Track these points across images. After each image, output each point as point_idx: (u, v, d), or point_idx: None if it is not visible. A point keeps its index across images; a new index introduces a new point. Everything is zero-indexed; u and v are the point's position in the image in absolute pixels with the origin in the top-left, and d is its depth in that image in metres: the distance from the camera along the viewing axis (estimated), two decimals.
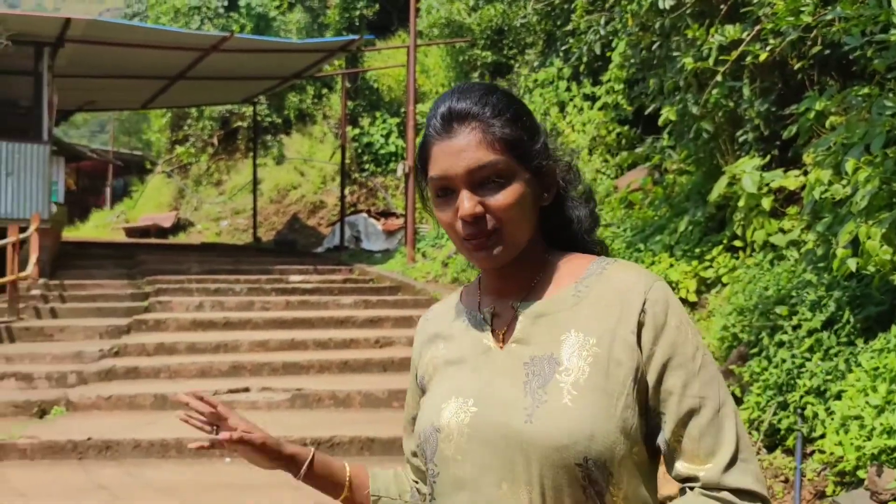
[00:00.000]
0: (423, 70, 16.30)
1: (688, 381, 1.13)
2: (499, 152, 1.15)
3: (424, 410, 1.24)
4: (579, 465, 1.08)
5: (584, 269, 1.23)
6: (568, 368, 1.13)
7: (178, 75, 13.75)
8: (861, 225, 3.93)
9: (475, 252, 1.16)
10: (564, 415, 1.09)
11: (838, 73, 5.97)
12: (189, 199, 21.76)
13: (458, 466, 1.15)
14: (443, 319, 1.33)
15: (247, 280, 10.25)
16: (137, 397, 5.98)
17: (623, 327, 1.15)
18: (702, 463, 1.12)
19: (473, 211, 1.14)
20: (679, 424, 1.13)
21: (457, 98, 1.18)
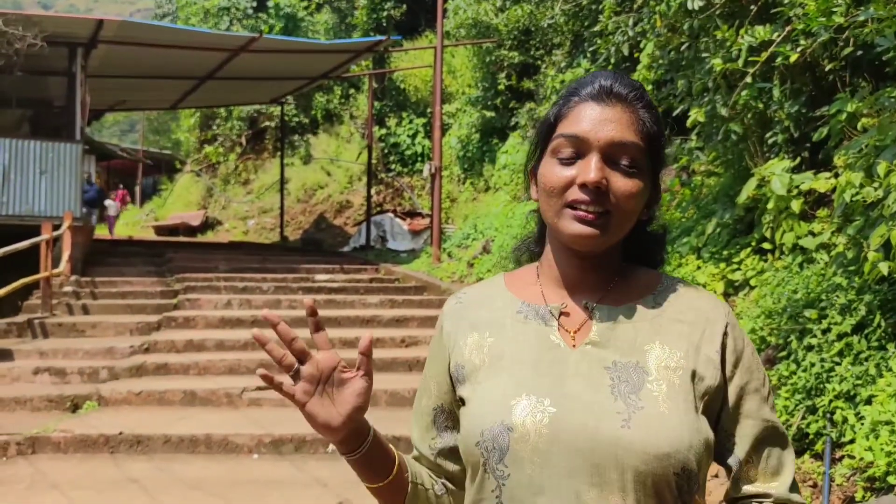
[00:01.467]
0: (450, 70, 16.33)
1: (760, 406, 1.17)
2: (643, 141, 1.14)
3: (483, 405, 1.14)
4: (676, 475, 1.07)
5: (656, 283, 1.22)
6: (658, 378, 1.12)
7: (208, 75, 13.91)
8: (893, 228, 3.89)
9: (577, 223, 1.11)
10: (665, 423, 1.07)
11: (870, 74, 5.90)
12: (217, 198, 21.98)
13: (535, 469, 1.08)
14: (483, 307, 1.24)
15: (274, 279, 10.34)
16: (167, 393, 6.06)
17: (708, 346, 1.15)
18: (769, 481, 1.17)
19: (600, 179, 1.10)
20: (753, 446, 1.16)
21: (618, 80, 1.16)
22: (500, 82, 14.01)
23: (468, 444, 1.14)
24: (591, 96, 1.14)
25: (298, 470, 4.77)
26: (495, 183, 13.80)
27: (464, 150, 15.00)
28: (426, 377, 1.29)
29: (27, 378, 6.59)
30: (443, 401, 1.25)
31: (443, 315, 1.28)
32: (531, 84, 13.48)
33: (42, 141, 10.90)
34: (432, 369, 1.28)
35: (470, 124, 14.82)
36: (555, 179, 1.12)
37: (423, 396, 1.29)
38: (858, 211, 4.63)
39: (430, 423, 1.27)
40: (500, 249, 10.01)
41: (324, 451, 5.09)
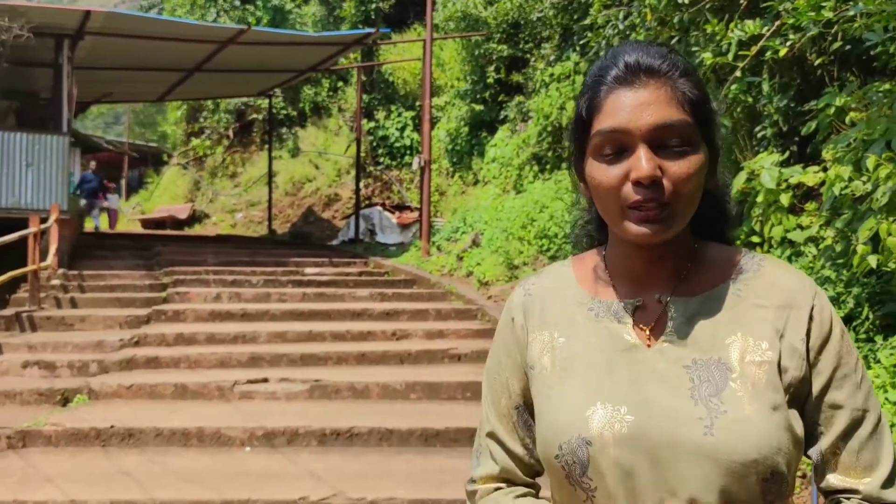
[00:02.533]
0: (439, 63, 16.31)
1: (852, 394, 1.07)
2: (688, 114, 1.03)
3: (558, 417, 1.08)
4: (765, 480, 1.00)
5: (736, 262, 1.12)
6: (742, 375, 1.03)
7: (195, 68, 13.83)
8: (882, 221, 3.94)
9: (642, 223, 1.02)
10: (751, 427, 1.00)
11: (858, 69, 5.95)
12: (204, 191, 21.88)
13: (616, 482, 1.03)
14: (553, 301, 1.17)
15: (263, 272, 10.33)
16: (158, 386, 6.05)
17: (792, 333, 1.06)
18: (859, 476, 1.06)
19: (654, 172, 1.00)
20: (840, 437, 1.06)
21: (645, 51, 1.05)
22: (489, 75, 14.01)
23: (547, 456, 1.09)
24: (619, 80, 1.04)
25: (291, 463, 4.78)
26: (484, 176, 13.81)
27: (453, 143, 15.00)
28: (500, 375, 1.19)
29: (16, 372, 6.56)
30: (525, 397, 1.17)
31: (511, 307, 1.20)
32: (520, 77, 13.49)
33: (28, 133, 10.82)
34: (508, 366, 1.18)
35: (459, 117, 14.82)
36: (606, 181, 1.03)
37: (501, 397, 1.18)
38: (847, 204, 4.68)
39: (515, 423, 1.18)
40: (490, 243, 10.03)
41: (316, 445, 5.10)
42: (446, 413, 5.53)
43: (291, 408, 5.75)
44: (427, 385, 5.99)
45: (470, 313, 8.21)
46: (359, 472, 4.59)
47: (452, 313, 8.29)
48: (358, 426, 5.16)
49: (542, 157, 11.76)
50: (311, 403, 5.88)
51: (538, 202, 9.86)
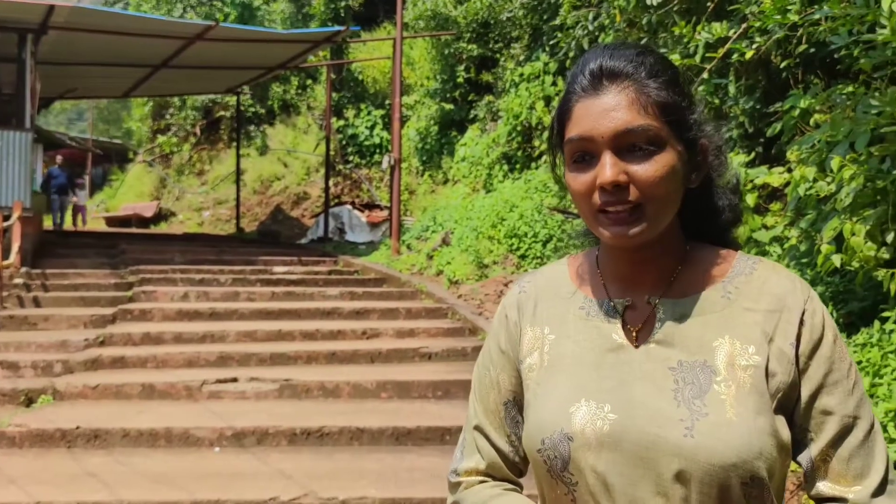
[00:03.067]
0: (409, 62, 16.30)
1: (843, 400, 1.05)
2: (652, 117, 1.03)
3: (543, 412, 1.09)
4: (745, 484, 1.00)
5: (729, 266, 1.11)
6: (727, 379, 1.03)
7: (162, 64, 13.66)
8: (846, 222, 4.01)
9: (612, 227, 1.03)
10: (731, 431, 1.00)
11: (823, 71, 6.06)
12: (171, 188, 21.63)
13: (597, 479, 1.04)
14: (546, 299, 1.18)
15: (231, 271, 10.23)
16: (125, 387, 5.97)
17: (781, 338, 1.05)
18: (849, 485, 1.05)
19: (616, 178, 1.01)
20: (830, 444, 1.05)
21: (609, 55, 1.06)
22: (458, 75, 14.03)
23: (531, 449, 1.11)
24: (584, 88, 1.05)
25: (261, 462, 4.75)
26: (454, 175, 13.83)
27: (422, 142, 14.99)
28: (490, 371, 1.20)
29: None
30: (515, 394, 1.18)
31: (506, 304, 1.22)
32: (490, 77, 13.53)
33: None
34: (500, 362, 1.19)
35: (429, 116, 14.82)
36: (577, 187, 1.05)
37: (490, 393, 1.20)
38: (811, 205, 4.76)
39: (503, 420, 1.19)
40: (460, 242, 10.05)
41: (287, 444, 5.07)
42: (417, 412, 5.53)
43: (261, 407, 5.71)
44: (398, 384, 5.99)
45: (440, 312, 8.22)
46: (330, 471, 4.58)
47: (423, 312, 8.29)
48: (328, 425, 5.14)
49: (511, 156, 11.81)
50: (281, 403, 5.84)
51: (508, 201, 9.90)
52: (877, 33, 3.85)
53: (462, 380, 6.06)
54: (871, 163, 4.04)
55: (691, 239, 1.13)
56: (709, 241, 1.15)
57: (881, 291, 3.86)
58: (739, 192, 1.17)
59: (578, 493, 1.06)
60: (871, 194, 4.01)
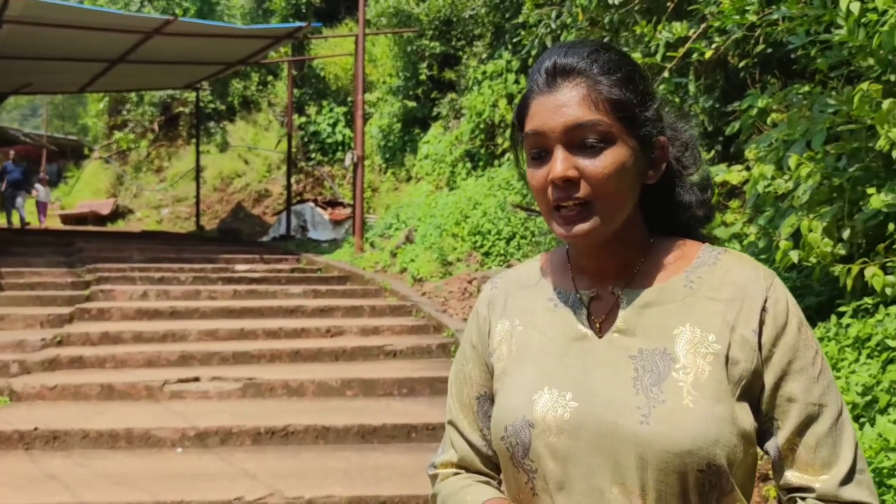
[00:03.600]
0: (371, 59, 16.24)
1: (807, 388, 1.05)
2: (602, 112, 1.04)
3: (507, 400, 1.11)
4: (701, 472, 1.00)
5: (693, 256, 1.12)
6: (686, 366, 1.03)
7: (119, 58, 13.43)
8: (803, 218, 4.10)
9: (564, 225, 1.05)
10: (687, 417, 1.00)
11: (780, 71, 6.19)
12: (128, 185, 21.27)
13: (556, 465, 1.05)
14: (517, 293, 1.20)
15: (191, 269, 10.10)
16: (83, 387, 5.85)
17: (743, 325, 1.05)
18: (816, 473, 1.04)
19: (566, 173, 1.03)
20: (795, 432, 1.05)
21: (564, 52, 1.07)
22: (421, 72, 14.01)
23: (496, 438, 1.12)
24: (539, 86, 1.07)
25: (225, 463, 4.70)
26: (417, 173, 13.82)
27: (385, 139, 14.96)
28: (464, 366, 1.24)
29: None
30: (486, 388, 1.21)
31: (479, 301, 1.24)
32: (453, 74, 13.54)
33: None
34: (472, 357, 1.23)
35: (391, 114, 14.79)
36: (533, 182, 1.08)
37: (463, 388, 1.23)
38: (769, 202, 4.85)
39: (475, 413, 1.22)
40: (424, 239, 10.05)
41: (251, 444, 5.02)
42: (383, 409, 5.52)
43: (224, 407, 5.64)
44: (363, 382, 5.97)
45: (405, 310, 8.21)
46: (295, 470, 4.55)
47: (387, 310, 8.27)
48: (293, 424, 5.10)
49: (475, 154, 11.84)
50: (245, 402, 5.79)
51: (472, 199, 9.92)
52: (833, 33, 3.94)
53: (427, 377, 6.07)
54: (827, 161, 4.13)
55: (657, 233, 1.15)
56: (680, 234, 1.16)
57: (837, 286, 3.96)
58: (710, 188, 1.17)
59: (537, 480, 1.07)
60: (828, 191, 4.10)
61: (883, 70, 3.70)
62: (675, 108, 1.21)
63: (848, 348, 3.68)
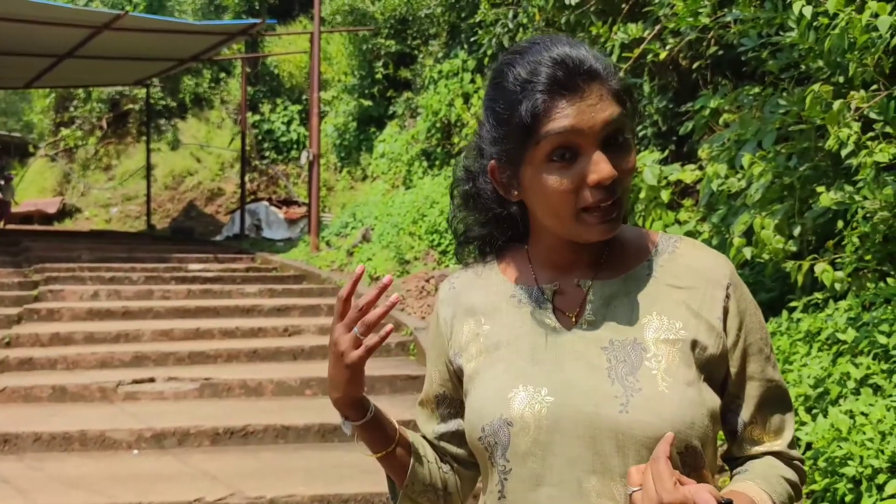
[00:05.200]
0: (326, 57, 16.13)
1: (764, 366, 1.13)
2: (622, 107, 1.06)
3: (482, 400, 1.12)
4: (680, 454, 1.04)
5: (651, 245, 1.15)
6: (657, 354, 1.07)
7: (67, 54, 13.11)
8: (755, 216, 4.21)
9: (599, 224, 1.05)
10: (664, 403, 1.03)
11: (731, 73, 6.33)
12: (75, 184, 20.77)
13: (536, 461, 1.07)
14: (477, 291, 1.21)
15: (143, 268, 9.92)
16: (34, 389, 5.72)
17: (708, 312, 1.09)
18: (772, 440, 1.15)
19: (613, 173, 1.03)
20: (757, 408, 1.13)
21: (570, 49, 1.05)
22: (377, 71, 13.98)
23: (472, 438, 1.14)
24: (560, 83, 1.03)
25: (183, 464, 4.64)
26: (373, 172, 13.79)
27: (340, 138, 14.88)
28: (428, 365, 1.28)
29: None
30: (444, 388, 1.24)
31: (438, 302, 1.25)
32: (408, 73, 13.53)
33: None
34: (433, 357, 1.26)
35: (347, 112, 14.72)
36: (560, 186, 1.04)
37: (426, 385, 1.28)
38: (722, 200, 4.97)
39: (433, 410, 1.27)
40: (381, 238, 10.03)
41: (209, 444, 4.97)
42: None
43: (181, 407, 5.57)
44: (323, 381, 5.94)
45: None
46: (256, 470, 4.51)
47: None
48: (253, 424, 5.06)
49: (431, 152, 11.85)
50: (202, 402, 5.72)
51: (428, 197, 9.94)
52: (784, 36, 4.05)
53: (387, 375, 6.07)
54: (778, 160, 4.25)
55: None
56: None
57: (789, 282, 4.07)
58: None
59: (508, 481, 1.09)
60: (779, 190, 4.22)
61: (832, 72, 3.82)
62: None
63: (799, 342, 3.79)
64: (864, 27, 3.17)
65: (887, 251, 3.63)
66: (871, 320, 3.44)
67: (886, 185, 3.37)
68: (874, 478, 2.72)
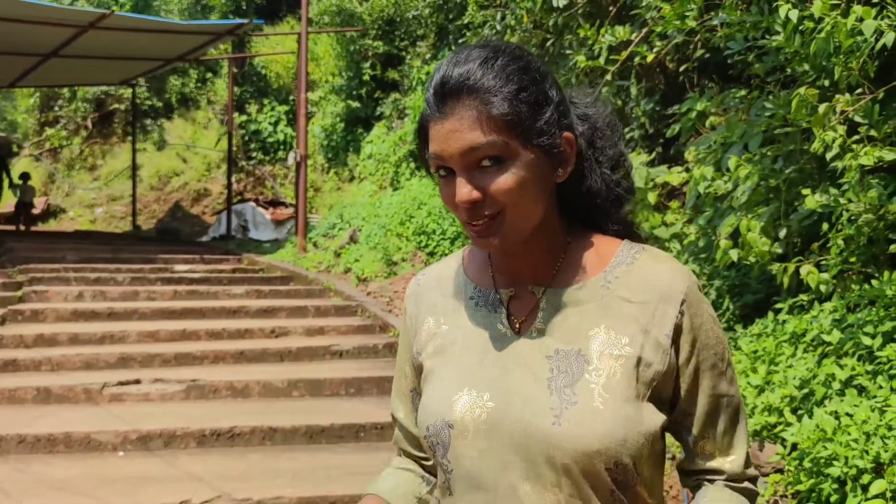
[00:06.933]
0: (313, 58, 16.10)
1: (717, 381, 1.12)
2: (495, 132, 1.02)
3: (430, 400, 1.14)
4: (609, 470, 1.04)
5: (611, 255, 1.13)
6: (598, 368, 1.06)
7: (52, 53, 13.01)
8: (742, 218, 4.23)
9: (476, 238, 1.07)
10: (596, 419, 1.03)
11: (717, 76, 6.38)
12: (60, 184, 20.61)
13: (473, 464, 1.08)
14: (440, 290, 1.22)
15: (129, 269, 9.86)
16: (18, 391, 5.67)
17: (657, 328, 1.08)
18: (724, 456, 1.13)
19: (470, 197, 1.04)
20: (708, 423, 1.12)
21: (452, 66, 1.05)
22: (364, 72, 13.96)
23: (420, 435, 1.16)
24: (431, 107, 1.06)
25: (170, 466, 4.62)
26: (360, 173, 13.77)
27: (328, 139, 14.85)
28: (401, 360, 1.29)
29: None
30: (416, 383, 1.25)
31: (406, 298, 1.27)
32: (396, 75, 13.53)
33: None
34: (403, 353, 1.27)
35: (334, 113, 14.69)
36: (445, 198, 1.09)
37: (401, 378, 1.29)
38: (709, 202, 5.00)
39: (410, 404, 1.28)
40: (368, 239, 10.02)
41: (196, 446, 4.94)
42: (330, 409, 5.49)
43: (167, 409, 5.54)
44: (310, 382, 5.93)
45: (350, 310, 8.18)
46: (243, 472, 4.50)
47: (332, 310, 8.23)
48: (239, 426, 5.04)
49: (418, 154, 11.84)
50: (189, 404, 5.69)
51: (416, 199, 9.94)
52: (770, 39, 4.08)
53: (374, 376, 6.06)
54: (764, 163, 4.28)
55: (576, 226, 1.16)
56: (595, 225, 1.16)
57: (774, 284, 4.10)
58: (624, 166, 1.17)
59: (453, 480, 1.11)
60: (765, 192, 4.25)
61: (818, 75, 3.85)
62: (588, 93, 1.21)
63: (785, 343, 3.82)
64: (849, 31, 3.20)
65: (872, 253, 3.66)
66: (855, 322, 3.47)
67: (871, 188, 3.40)
68: (859, 478, 2.74)
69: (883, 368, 3.14)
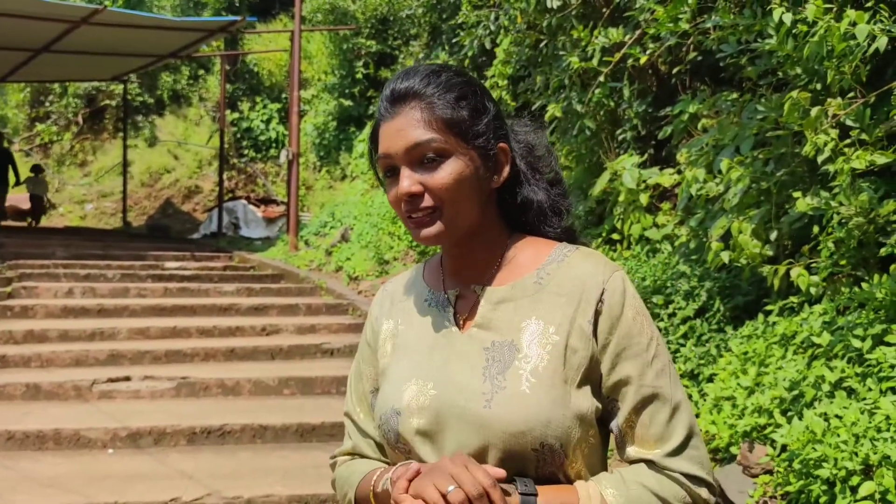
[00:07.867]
0: (306, 56, 16.09)
1: (642, 371, 1.17)
2: (436, 131, 1.16)
3: (384, 392, 1.25)
4: (535, 450, 1.12)
5: (545, 255, 1.24)
6: (528, 356, 1.16)
7: (43, 48, 12.95)
8: (733, 220, 4.26)
9: (415, 229, 1.18)
10: (522, 402, 1.13)
11: (709, 78, 6.40)
12: (50, 180, 20.51)
13: (418, 448, 1.19)
14: (401, 295, 1.34)
15: (119, 266, 9.83)
16: (7, 387, 5.64)
17: (581, 316, 1.17)
18: (651, 448, 1.17)
19: (410, 189, 1.16)
20: (632, 411, 1.17)
21: (401, 79, 1.20)
22: (357, 70, 13.95)
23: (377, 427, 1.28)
24: (382, 113, 1.21)
25: (160, 463, 4.61)
26: (352, 171, 13.76)
27: (320, 137, 14.83)
28: (360, 363, 1.37)
29: None
30: (377, 384, 1.33)
31: (373, 302, 1.39)
32: (389, 73, 13.52)
33: None
34: (366, 354, 1.36)
35: (326, 112, 14.67)
36: (390, 197, 1.21)
37: (360, 381, 1.36)
38: (700, 204, 5.02)
39: (370, 405, 1.34)
40: (360, 238, 10.01)
41: (186, 444, 4.93)
42: (322, 407, 5.49)
43: (157, 406, 5.52)
44: (301, 380, 5.92)
45: (341, 308, 8.17)
46: (233, 470, 4.49)
47: (323, 308, 8.22)
48: (230, 423, 5.03)
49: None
50: (179, 402, 5.68)
51: None
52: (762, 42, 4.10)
53: None
54: (755, 165, 4.30)
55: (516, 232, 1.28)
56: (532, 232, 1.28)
57: (765, 286, 4.12)
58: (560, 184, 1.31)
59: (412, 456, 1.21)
60: (756, 195, 4.27)
61: (810, 79, 3.87)
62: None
63: (775, 345, 3.84)
64: (842, 35, 3.22)
65: (862, 256, 3.68)
66: (845, 324, 3.49)
67: (862, 192, 3.42)
68: (848, 480, 2.76)
69: (872, 371, 3.16)
